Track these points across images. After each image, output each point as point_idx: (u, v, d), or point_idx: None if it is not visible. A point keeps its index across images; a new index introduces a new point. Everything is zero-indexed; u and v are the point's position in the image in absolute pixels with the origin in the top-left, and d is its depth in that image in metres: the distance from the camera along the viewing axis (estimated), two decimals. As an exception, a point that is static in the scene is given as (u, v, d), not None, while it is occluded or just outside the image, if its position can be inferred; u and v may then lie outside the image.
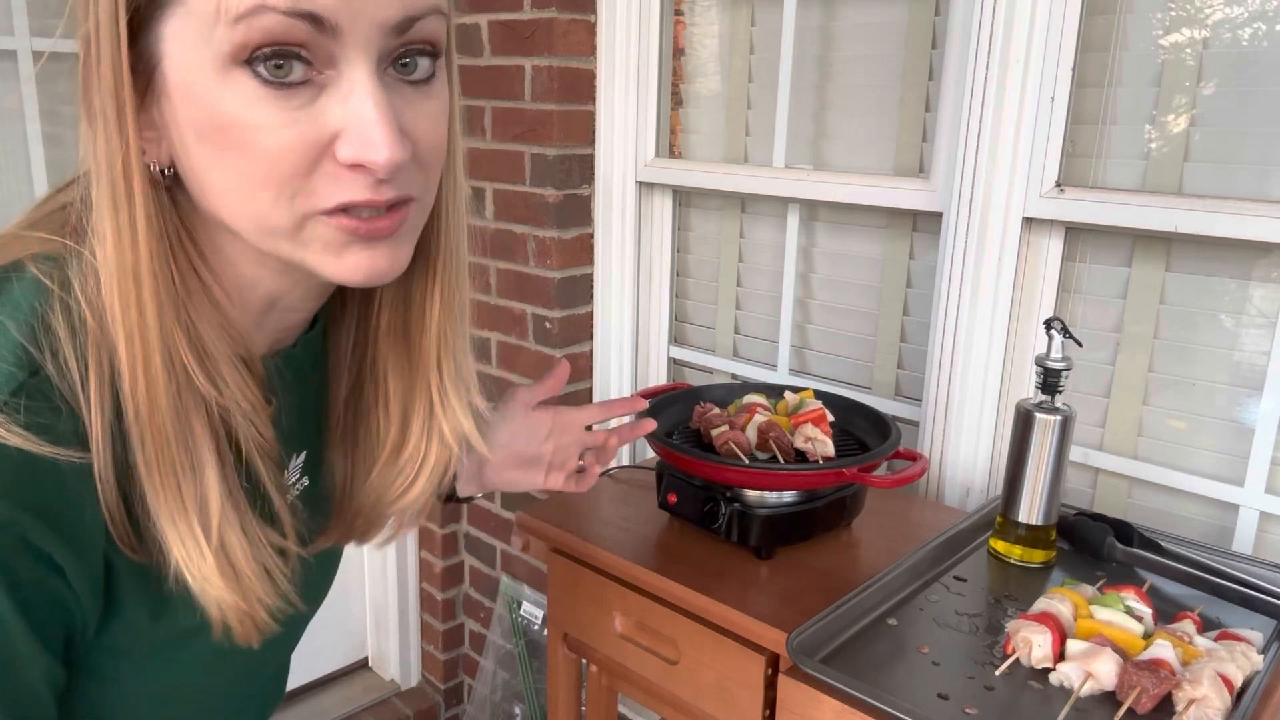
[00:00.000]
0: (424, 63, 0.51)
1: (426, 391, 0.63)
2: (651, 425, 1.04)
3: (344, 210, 0.50)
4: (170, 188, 0.52)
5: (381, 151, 0.47)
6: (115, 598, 0.52)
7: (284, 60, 0.46)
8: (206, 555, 0.51)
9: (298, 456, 0.66)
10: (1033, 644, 0.87)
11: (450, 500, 0.93)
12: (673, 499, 1.16)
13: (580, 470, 0.97)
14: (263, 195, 0.48)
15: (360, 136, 0.47)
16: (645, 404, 1.06)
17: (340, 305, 0.66)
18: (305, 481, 0.67)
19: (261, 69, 0.46)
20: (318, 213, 0.49)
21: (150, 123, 0.50)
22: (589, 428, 0.96)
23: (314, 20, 0.45)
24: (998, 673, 0.88)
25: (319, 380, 0.67)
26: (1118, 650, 0.85)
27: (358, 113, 0.47)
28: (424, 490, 0.65)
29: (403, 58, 0.50)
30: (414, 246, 0.56)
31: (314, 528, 0.66)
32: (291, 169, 0.48)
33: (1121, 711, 0.81)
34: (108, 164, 0.48)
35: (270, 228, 0.50)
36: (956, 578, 1.07)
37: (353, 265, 0.52)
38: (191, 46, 0.46)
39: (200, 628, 0.54)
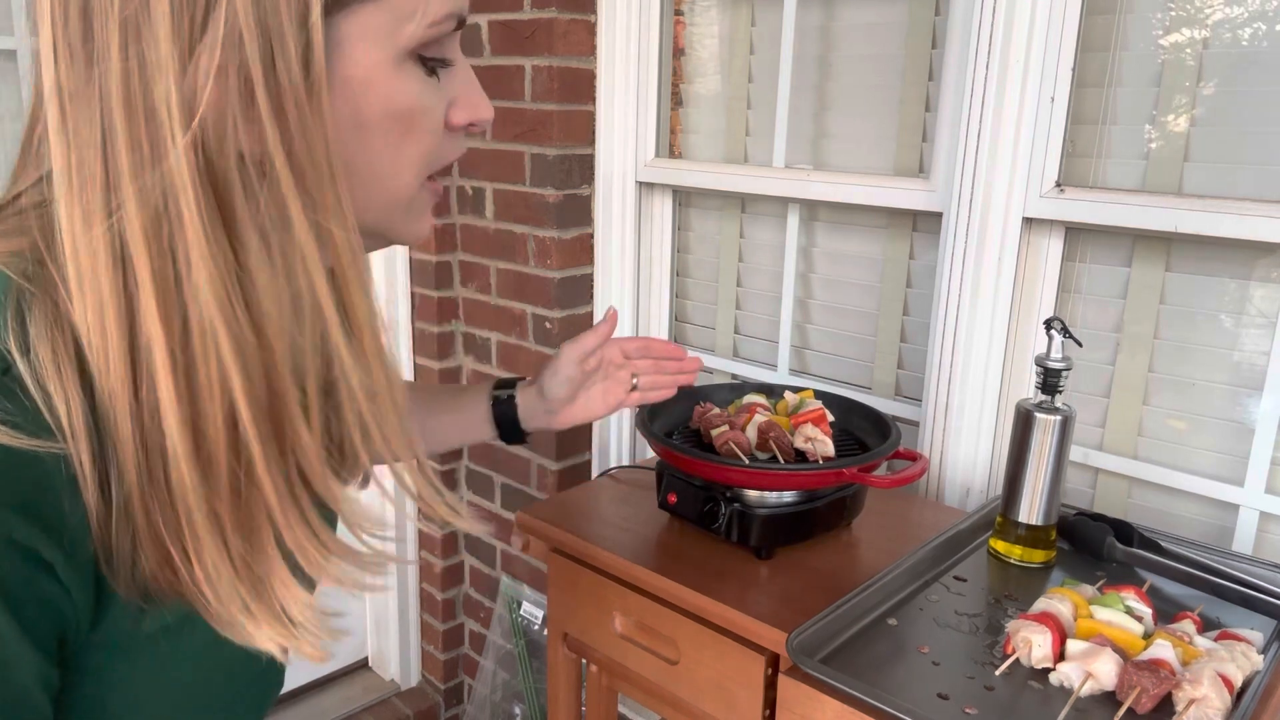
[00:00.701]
0: None
1: None
2: (698, 362, 1.11)
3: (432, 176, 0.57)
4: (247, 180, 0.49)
5: (489, 110, 0.58)
6: (105, 593, 0.52)
7: (438, 50, 0.53)
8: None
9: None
10: (1033, 644, 0.87)
11: (514, 440, 1.02)
12: (673, 499, 1.16)
13: (634, 389, 1.06)
14: (421, 169, 0.55)
15: (473, 100, 0.57)
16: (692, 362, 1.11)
17: None
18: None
19: (429, 60, 0.53)
20: (428, 177, 0.57)
21: (251, 117, 0.48)
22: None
23: (460, 20, 0.54)
24: (998, 673, 0.88)
25: None
26: (1118, 650, 0.85)
27: (469, 83, 0.57)
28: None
29: None
30: None
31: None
32: (438, 141, 0.55)
33: (1121, 711, 0.81)
34: (314, 170, 0.48)
35: (402, 199, 0.55)
36: (956, 578, 1.07)
37: (428, 225, 0.60)
38: (377, 42, 0.50)
39: (188, 620, 0.54)
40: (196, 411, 0.47)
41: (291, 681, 2.23)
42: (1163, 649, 0.84)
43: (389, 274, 2.01)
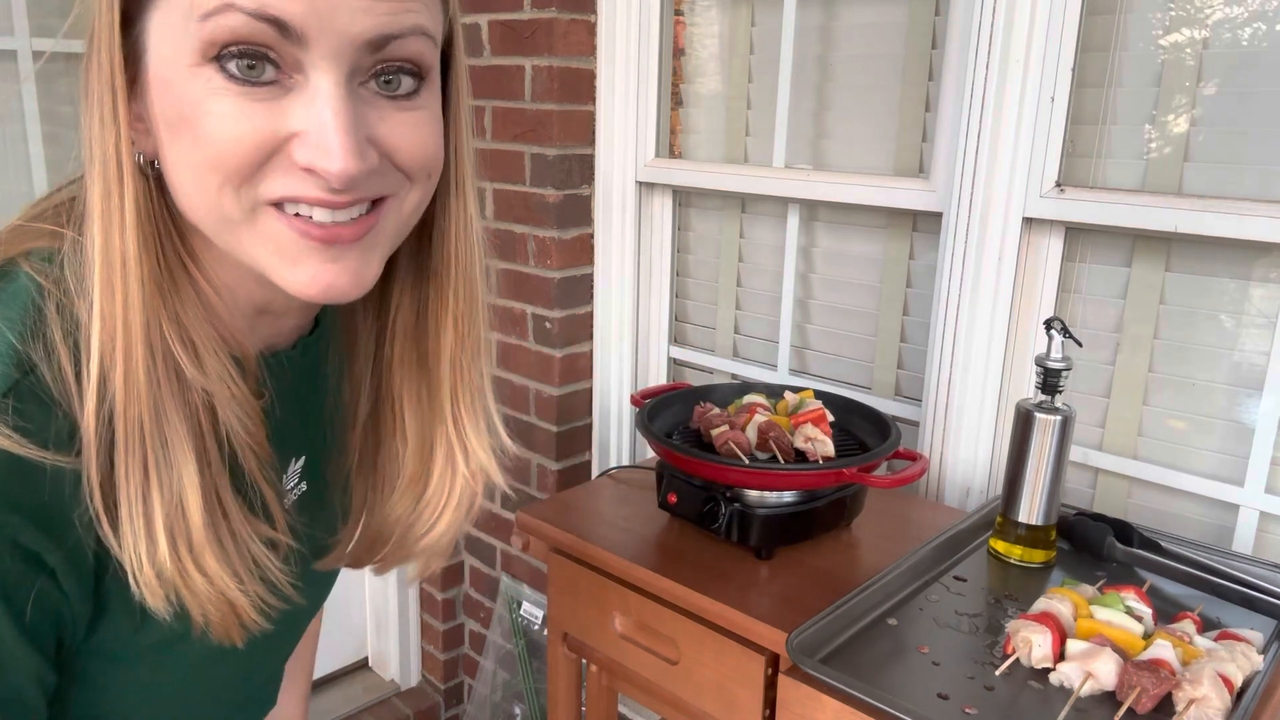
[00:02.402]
0: (407, 80, 0.51)
1: (445, 427, 0.63)
2: None
3: (294, 208, 0.50)
4: (160, 184, 0.52)
5: (336, 161, 0.48)
6: (103, 601, 0.52)
7: (255, 61, 0.47)
8: (176, 554, 0.51)
9: (296, 461, 0.66)
10: (1033, 644, 0.87)
11: None
12: (673, 499, 1.16)
13: None
14: (211, 180, 0.49)
15: (317, 142, 0.48)
16: None
17: (358, 316, 0.66)
18: (304, 487, 0.67)
19: (231, 66, 0.47)
20: (264, 202, 0.50)
21: (139, 115, 0.51)
22: None
23: (279, 26, 0.46)
24: (998, 673, 0.88)
25: (323, 386, 0.67)
26: (1118, 650, 0.85)
27: (318, 118, 0.48)
28: (450, 526, 0.65)
29: (384, 74, 0.50)
30: (384, 259, 0.55)
31: (315, 537, 0.66)
32: (242, 157, 0.48)
33: (1121, 711, 0.81)
34: (100, 150, 0.49)
35: (222, 216, 0.50)
36: (956, 578, 1.07)
37: (309, 277, 0.51)
38: (171, 40, 0.48)
39: (186, 633, 0.54)
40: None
41: (291, 681, 2.23)
42: (1163, 649, 0.84)
43: (389, 274, 2.01)
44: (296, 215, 0.50)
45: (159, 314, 0.51)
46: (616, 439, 1.87)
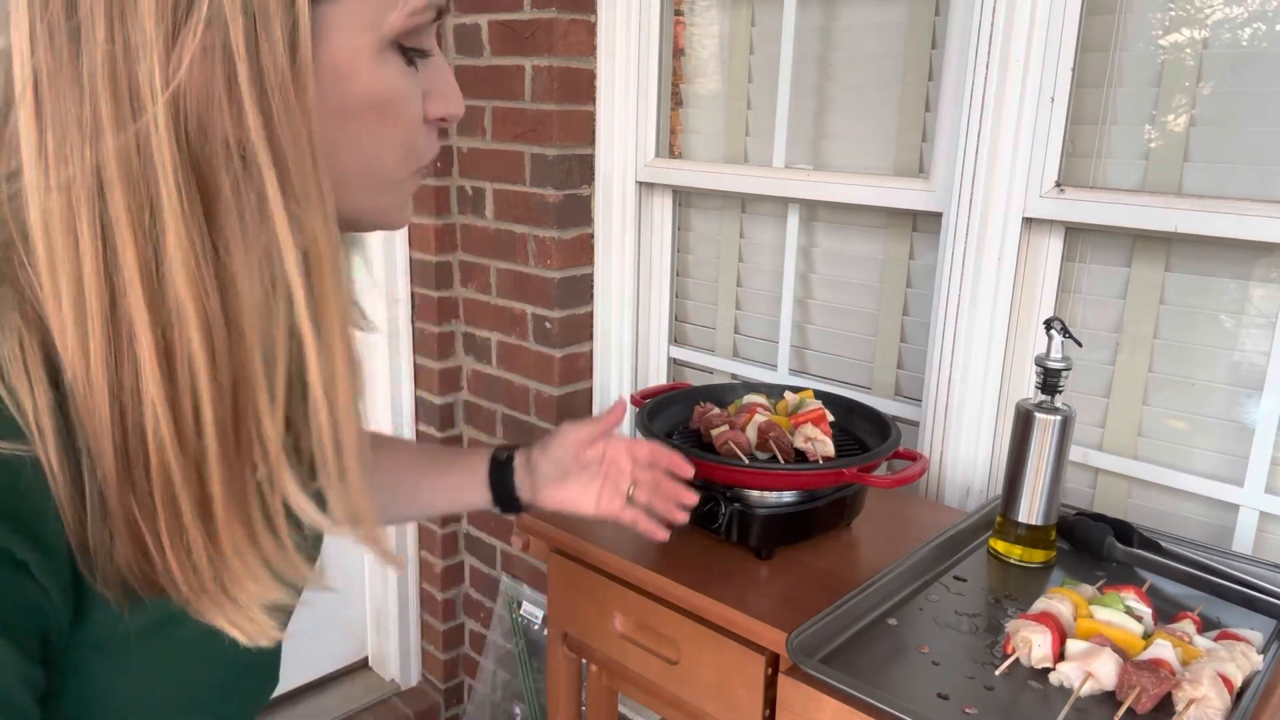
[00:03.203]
0: None
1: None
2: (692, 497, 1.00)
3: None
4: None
5: (459, 106, 0.58)
6: (86, 591, 0.51)
7: (419, 40, 0.54)
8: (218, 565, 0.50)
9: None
10: (1032, 644, 0.87)
11: (511, 510, 0.96)
12: (673, 499, 1.16)
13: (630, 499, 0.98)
14: (394, 156, 0.55)
15: (447, 94, 0.57)
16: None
17: None
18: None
19: (413, 50, 0.54)
20: (420, 166, 0.58)
21: None
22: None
23: (440, 10, 0.54)
24: (997, 672, 0.88)
25: None
26: (1117, 650, 0.85)
27: (442, 74, 0.57)
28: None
29: None
30: None
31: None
32: (418, 130, 0.56)
33: (1121, 711, 0.81)
34: (298, 162, 0.48)
35: (384, 188, 0.57)
36: (956, 578, 1.07)
37: (409, 213, 0.61)
38: (361, 29, 0.50)
39: (177, 615, 0.54)
40: (176, 394, 0.47)
41: (292, 681, 2.23)
42: (1162, 649, 0.84)
43: (389, 274, 2.01)
44: (424, 169, 0.59)
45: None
46: (616, 439, 1.87)
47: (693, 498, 0.98)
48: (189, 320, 0.46)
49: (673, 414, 1.27)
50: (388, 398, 2.09)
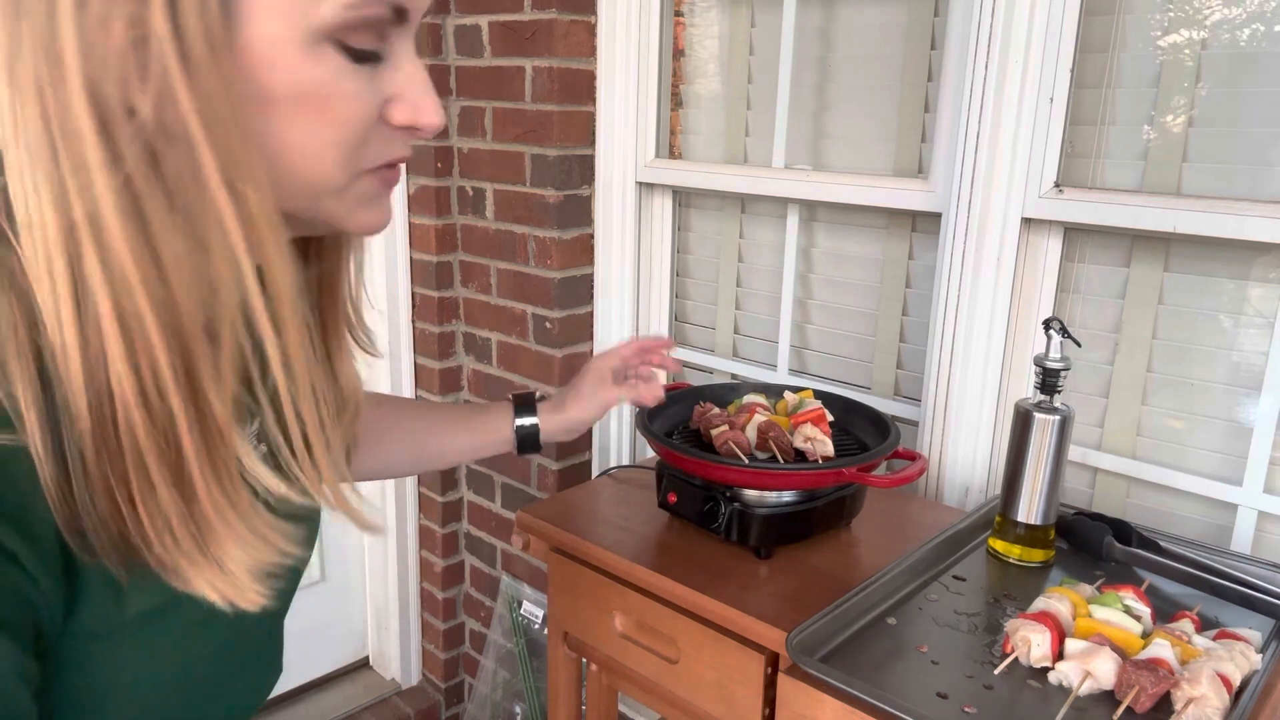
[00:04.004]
0: None
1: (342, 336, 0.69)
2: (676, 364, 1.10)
3: (389, 166, 0.56)
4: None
5: (433, 116, 0.55)
6: (77, 580, 0.51)
7: (377, 45, 0.52)
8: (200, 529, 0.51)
9: (251, 424, 0.66)
10: (1031, 643, 0.88)
11: (528, 450, 1.03)
12: (673, 499, 1.17)
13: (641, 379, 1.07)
14: (330, 156, 0.53)
15: (416, 102, 0.54)
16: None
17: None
18: (264, 449, 0.67)
19: (355, 47, 0.51)
20: (368, 170, 0.55)
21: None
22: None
23: (399, 11, 0.52)
24: (996, 672, 0.88)
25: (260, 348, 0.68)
26: (1116, 649, 0.85)
27: (413, 80, 0.54)
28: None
29: None
30: None
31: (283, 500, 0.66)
32: (362, 133, 0.53)
33: (1120, 710, 0.81)
34: (214, 147, 0.48)
35: (325, 186, 0.54)
36: (956, 577, 1.07)
37: (376, 216, 0.58)
38: (284, 16, 0.48)
39: (172, 601, 0.54)
40: (135, 357, 0.48)
41: (292, 680, 2.23)
42: (1161, 648, 0.84)
43: (389, 274, 2.02)
44: (383, 171, 0.56)
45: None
46: (616, 439, 1.88)
47: (675, 365, 1.10)
48: (134, 287, 0.47)
49: (673, 414, 1.27)
50: (388, 398, 2.09)
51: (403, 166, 0.58)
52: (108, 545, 0.50)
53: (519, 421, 1.03)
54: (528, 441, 1.03)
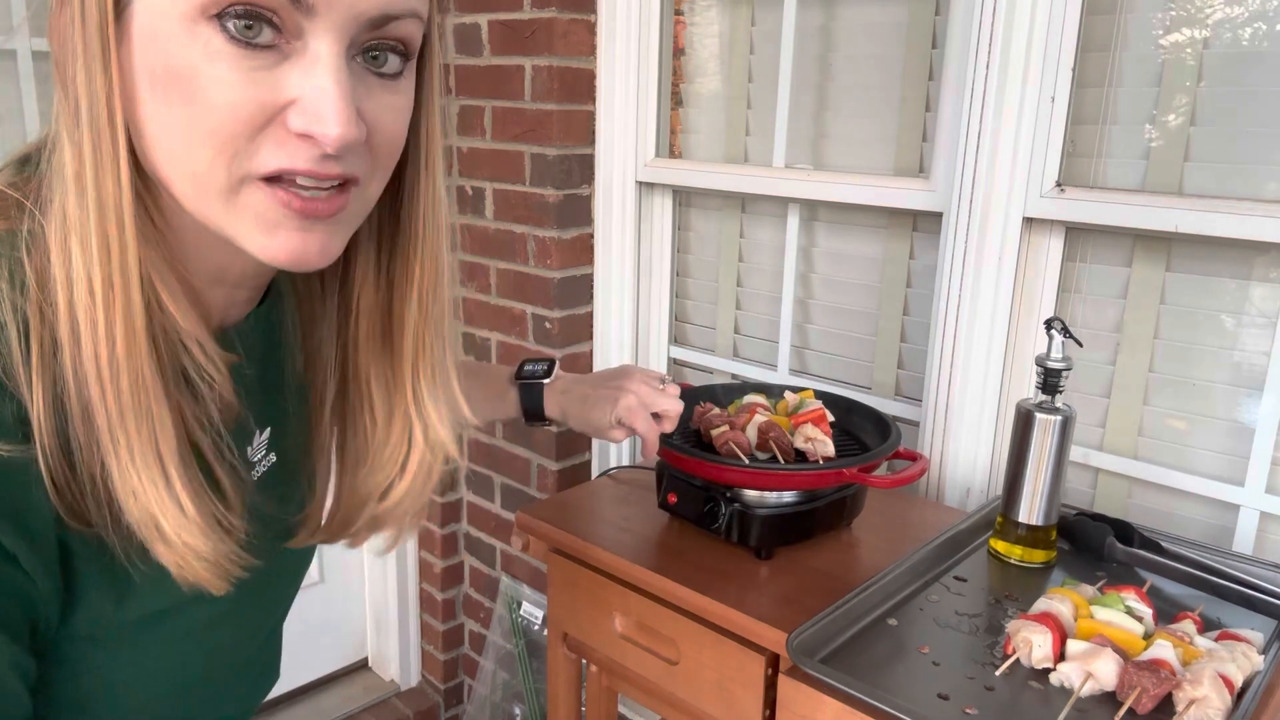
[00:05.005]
0: (394, 59, 0.53)
1: (404, 400, 0.64)
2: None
3: (281, 181, 0.50)
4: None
5: (333, 126, 0.48)
6: (76, 583, 0.51)
7: (254, 21, 0.47)
8: (177, 504, 0.50)
9: (261, 433, 0.66)
10: (1033, 644, 0.87)
11: (535, 420, 1.07)
12: (673, 499, 1.16)
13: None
14: (204, 150, 0.48)
15: (315, 108, 0.48)
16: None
17: (316, 299, 0.66)
18: (273, 458, 0.67)
19: (230, 25, 0.46)
20: (255, 177, 0.49)
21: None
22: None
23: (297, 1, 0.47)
24: (998, 673, 0.88)
25: (280, 359, 0.67)
26: (1118, 650, 0.85)
27: (317, 85, 0.48)
28: (408, 494, 0.65)
29: (373, 50, 0.51)
30: (348, 237, 0.56)
31: (286, 508, 0.66)
32: (238, 127, 0.48)
33: (1122, 711, 0.81)
34: (88, 101, 0.47)
35: (206, 186, 0.50)
36: (957, 578, 1.06)
37: (281, 244, 0.51)
38: None
39: (169, 609, 0.54)
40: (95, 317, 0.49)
41: (291, 681, 2.23)
42: (1163, 649, 0.84)
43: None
44: (280, 188, 0.50)
45: (149, 270, 0.50)
46: (616, 439, 1.87)
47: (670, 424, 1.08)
48: (80, 278, 0.48)
49: (673, 414, 1.27)
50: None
51: (321, 197, 0.51)
52: (110, 523, 0.51)
53: (522, 383, 1.09)
54: (531, 411, 1.07)
